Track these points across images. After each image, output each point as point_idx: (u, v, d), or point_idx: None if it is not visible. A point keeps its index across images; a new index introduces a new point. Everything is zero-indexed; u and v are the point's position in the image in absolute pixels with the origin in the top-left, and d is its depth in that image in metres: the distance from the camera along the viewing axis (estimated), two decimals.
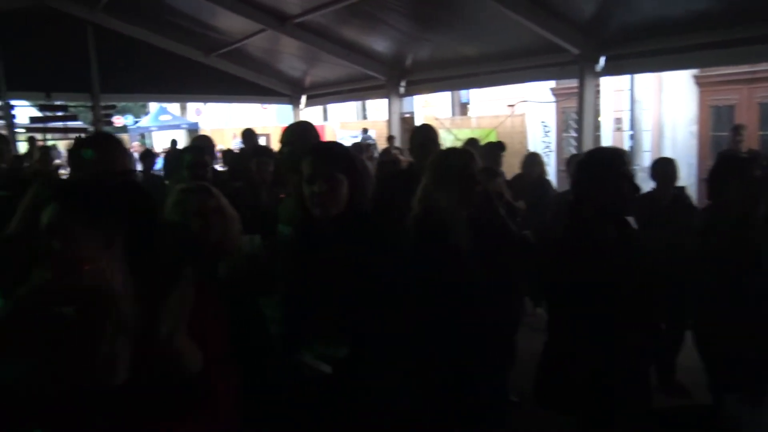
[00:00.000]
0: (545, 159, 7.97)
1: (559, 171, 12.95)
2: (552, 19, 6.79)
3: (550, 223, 4.98)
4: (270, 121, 23.61)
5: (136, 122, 25.98)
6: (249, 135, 7.04)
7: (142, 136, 26.20)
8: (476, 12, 7.34)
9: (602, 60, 7.03)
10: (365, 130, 18.87)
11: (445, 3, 7.45)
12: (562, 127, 14.49)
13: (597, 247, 2.43)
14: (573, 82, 7.95)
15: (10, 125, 10.97)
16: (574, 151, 8.83)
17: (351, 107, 23.09)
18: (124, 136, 25.41)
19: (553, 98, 13.98)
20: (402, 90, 10.70)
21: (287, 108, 15.37)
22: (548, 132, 14.74)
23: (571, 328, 2.47)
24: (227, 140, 20.77)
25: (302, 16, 8.90)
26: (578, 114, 7.53)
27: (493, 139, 13.61)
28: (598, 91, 8.46)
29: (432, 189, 2.63)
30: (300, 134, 3.06)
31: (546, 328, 2.65)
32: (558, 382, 2.53)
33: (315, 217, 2.20)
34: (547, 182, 6.94)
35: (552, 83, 13.47)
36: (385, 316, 2.09)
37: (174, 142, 15.74)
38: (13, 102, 11.44)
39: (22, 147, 11.57)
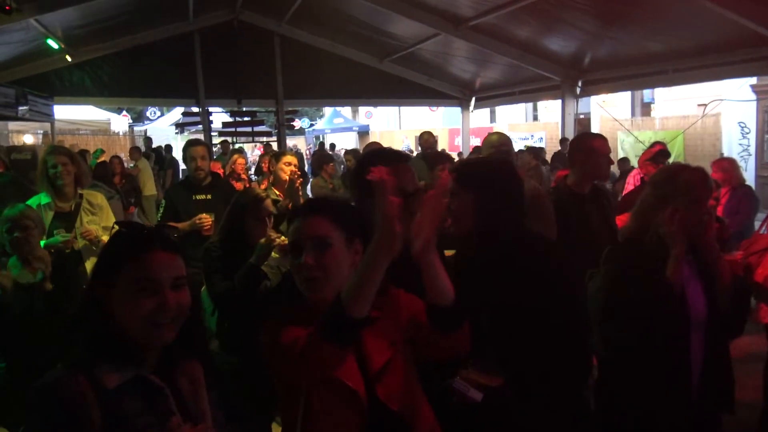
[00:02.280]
0: (742, 164, 7.13)
1: (759, 177, 11.56)
2: (762, 6, 6.03)
3: None
4: (437, 123, 23.80)
5: (312, 125, 27.54)
6: (427, 139, 7.04)
7: (317, 138, 27.73)
8: (667, 5, 6.75)
9: None
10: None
11: None
12: (765, 128, 12.91)
13: None
14: None
15: (207, 129, 12.10)
16: None
17: (520, 109, 22.54)
18: (301, 138, 27.08)
19: (754, 96, 12.50)
20: (578, 90, 10.18)
21: (454, 110, 15.37)
22: (747, 134, 13.21)
23: None
24: (397, 143, 21.27)
25: (477, 19, 8.80)
26: None
27: (680, 142, 12.57)
28: None
29: (652, 206, 2.30)
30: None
31: None
32: None
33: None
34: (748, 189, 6.19)
35: (753, 79, 12.05)
36: (552, 346, 1.94)
37: (321, 144, 16.35)
38: (209, 108, 12.62)
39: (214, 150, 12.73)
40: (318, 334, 1.41)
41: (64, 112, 13.15)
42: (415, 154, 11.84)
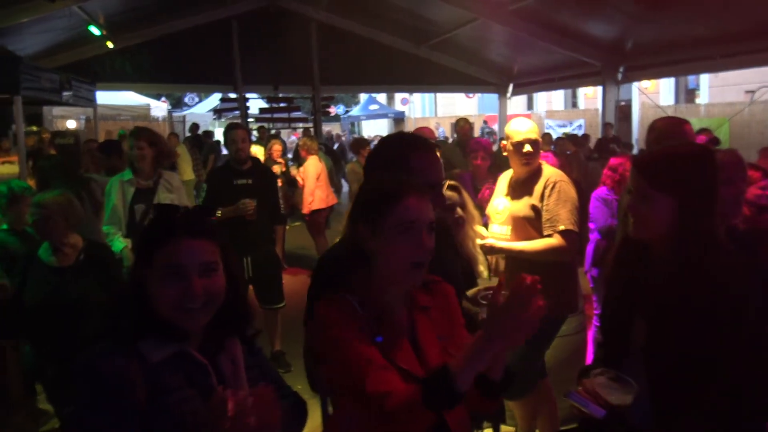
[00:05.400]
0: None
1: None
2: None
3: None
4: (472, 109, 23.58)
5: (347, 111, 27.56)
6: (462, 126, 6.97)
7: (352, 124, 27.74)
8: None
9: None
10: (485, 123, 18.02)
11: None
12: None
13: None
14: None
15: (245, 115, 12.19)
16: None
17: (559, 95, 22.16)
18: (336, 125, 27.14)
19: None
20: (620, 76, 9.95)
21: (490, 97, 15.19)
22: None
23: None
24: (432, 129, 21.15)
25: (517, 3, 8.65)
26: None
27: (725, 130, 12.19)
28: None
29: None
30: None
31: None
32: None
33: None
34: None
35: None
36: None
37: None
38: (246, 95, 12.71)
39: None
40: (423, 402, 1.34)
41: (105, 97, 13.40)
42: (450, 140, 11.74)
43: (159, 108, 18.90)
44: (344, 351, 1.45)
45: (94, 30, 10.11)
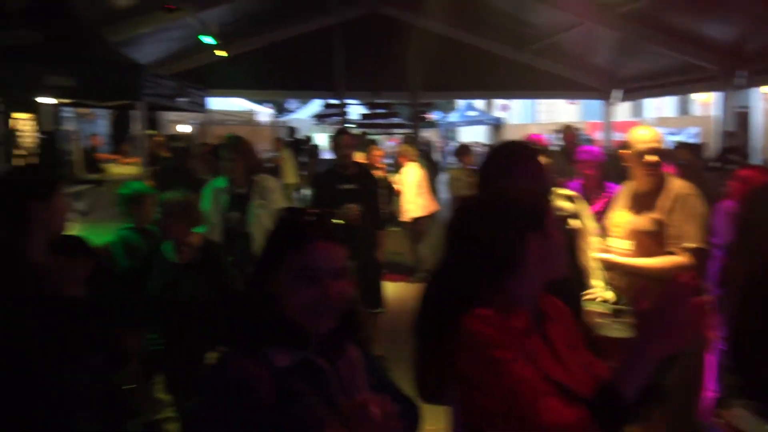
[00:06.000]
0: None
1: None
2: None
3: None
4: (575, 116, 22.87)
5: (444, 118, 27.47)
6: (569, 133, 6.76)
7: (449, 131, 27.60)
8: None
9: None
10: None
11: None
12: None
13: None
14: None
15: (345, 122, 12.43)
16: None
17: (669, 101, 21.06)
18: (433, 131, 27.13)
19: None
20: (741, 81, 9.28)
21: (593, 103, 14.63)
22: None
23: None
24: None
25: (627, 5, 8.28)
26: None
27: None
28: None
29: None
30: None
31: None
32: None
33: None
34: None
35: None
36: None
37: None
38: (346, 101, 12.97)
39: None
40: (599, 426, 1.28)
41: (214, 103, 14.09)
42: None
43: (263, 113, 19.64)
44: (509, 377, 1.34)
45: (207, 39, 10.65)
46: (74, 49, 5.88)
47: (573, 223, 2.67)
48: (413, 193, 7.39)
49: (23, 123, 6.86)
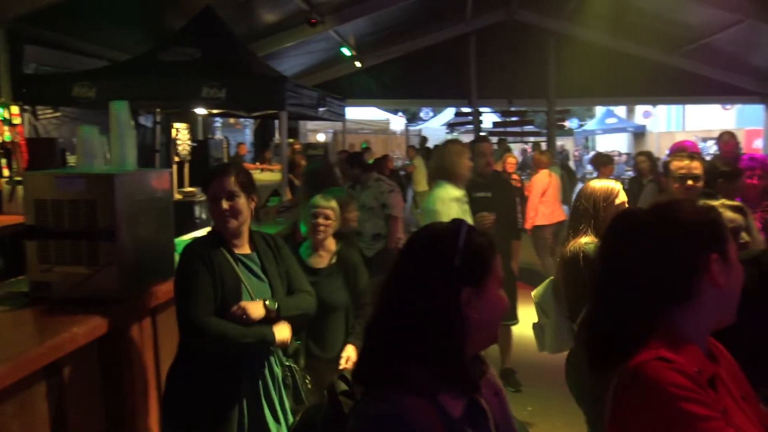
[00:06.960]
0: None
1: None
2: None
3: None
4: (729, 123, 21.08)
5: (581, 125, 26.41)
6: (727, 140, 6.24)
7: (586, 139, 26.49)
8: None
9: None
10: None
11: None
12: None
13: None
14: None
15: (478, 129, 12.33)
16: None
17: None
18: (569, 139, 26.21)
19: None
20: None
21: (751, 108, 13.40)
22: None
23: None
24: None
25: None
26: None
27: None
28: None
29: None
30: None
31: None
32: None
33: None
34: None
35: None
36: None
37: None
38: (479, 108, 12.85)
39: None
40: None
41: (349, 112, 14.57)
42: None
43: (397, 122, 19.99)
44: None
45: (346, 51, 11.04)
46: (227, 64, 6.32)
47: (745, 237, 2.42)
48: (537, 200, 7.33)
49: (181, 132, 7.48)
